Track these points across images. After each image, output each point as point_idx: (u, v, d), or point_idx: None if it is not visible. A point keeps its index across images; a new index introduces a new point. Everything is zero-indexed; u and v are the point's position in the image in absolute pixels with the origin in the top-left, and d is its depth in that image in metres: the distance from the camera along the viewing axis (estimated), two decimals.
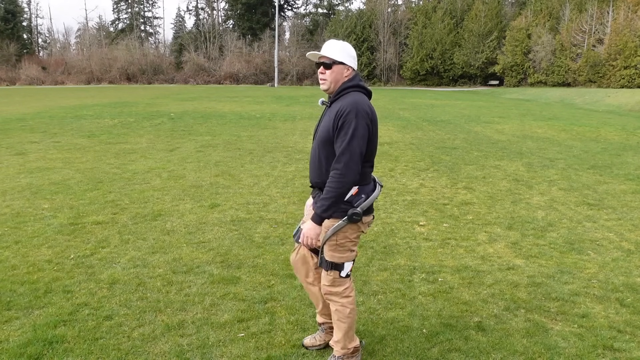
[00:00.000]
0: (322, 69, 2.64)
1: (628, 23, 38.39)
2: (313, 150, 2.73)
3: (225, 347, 3.02)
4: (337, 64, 2.61)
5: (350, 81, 2.66)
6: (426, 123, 16.41)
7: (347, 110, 2.51)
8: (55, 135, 12.30)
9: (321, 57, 2.64)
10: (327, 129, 2.60)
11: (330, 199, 2.52)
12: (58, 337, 3.06)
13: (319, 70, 2.66)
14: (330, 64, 2.61)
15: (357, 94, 2.63)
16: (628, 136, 14.03)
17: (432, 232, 5.29)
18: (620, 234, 5.32)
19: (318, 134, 2.70)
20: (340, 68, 2.62)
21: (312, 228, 2.60)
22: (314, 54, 2.67)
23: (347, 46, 2.65)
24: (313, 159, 2.72)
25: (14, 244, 4.67)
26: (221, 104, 23.80)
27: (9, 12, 66.23)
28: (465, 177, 8.09)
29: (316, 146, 2.69)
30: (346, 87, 2.64)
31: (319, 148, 2.66)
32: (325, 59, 2.62)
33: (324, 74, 2.64)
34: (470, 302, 3.68)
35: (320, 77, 2.67)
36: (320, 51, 2.66)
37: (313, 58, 2.70)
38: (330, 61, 2.61)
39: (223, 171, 8.20)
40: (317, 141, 2.69)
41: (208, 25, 71.83)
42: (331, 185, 2.51)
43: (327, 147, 2.61)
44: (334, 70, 2.62)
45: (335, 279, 2.70)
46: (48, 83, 58.74)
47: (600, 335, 3.24)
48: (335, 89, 2.66)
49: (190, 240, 4.88)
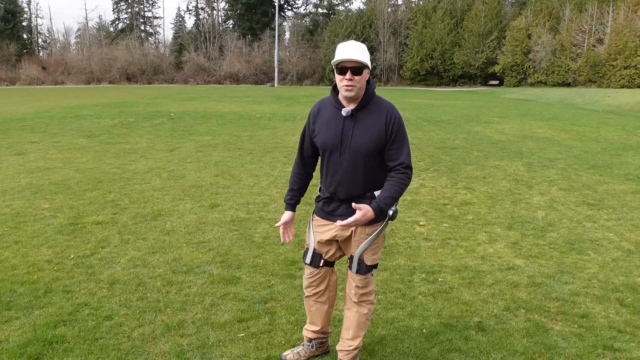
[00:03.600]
0: (349, 74, 2.41)
1: (628, 23, 38.40)
2: (348, 164, 2.53)
3: (225, 347, 3.02)
4: (366, 69, 2.45)
5: (372, 87, 2.56)
6: (426, 123, 16.41)
7: (397, 117, 2.54)
8: (55, 135, 12.31)
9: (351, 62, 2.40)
10: (375, 139, 2.50)
11: (396, 199, 2.54)
12: (58, 337, 3.06)
13: (346, 77, 2.42)
14: (361, 68, 2.42)
15: (381, 97, 2.61)
16: (628, 136, 14.02)
17: (432, 232, 5.29)
18: (620, 234, 5.31)
19: (358, 146, 2.50)
20: (366, 72, 2.47)
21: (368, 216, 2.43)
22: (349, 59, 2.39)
23: (366, 48, 2.52)
24: (350, 173, 2.55)
25: (14, 244, 4.67)
26: (221, 104, 23.80)
27: (9, 12, 66.24)
28: (465, 177, 8.09)
29: (357, 159, 2.52)
30: (372, 93, 2.55)
31: (363, 160, 2.52)
32: (357, 63, 2.40)
33: (352, 79, 2.42)
34: (470, 302, 3.68)
35: (348, 84, 2.43)
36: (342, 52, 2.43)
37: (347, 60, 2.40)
38: (361, 66, 2.42)
39: (223, 171, 8.20)
40: (357, 154, 2.51)
41: (208, 25, 71.81)
42: (400, 186, 2.52)
43: (375, 157, 2.54)
44: (364, 75, 2.45)
45: (369, 280, 2.74)
46: (48, 83, 58.75)
47: (600, 335, 3.24)
48: (360, 94, 2.51)
49: (190, 240, 4.88)
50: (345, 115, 2.52)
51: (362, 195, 2.58)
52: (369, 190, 2.59)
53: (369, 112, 2.53)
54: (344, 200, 2.62)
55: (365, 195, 2.59)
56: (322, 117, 2.62)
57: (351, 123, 2.52)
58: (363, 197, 2.58)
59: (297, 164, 2.81)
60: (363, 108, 2.53)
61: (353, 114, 2.52)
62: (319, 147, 2.65)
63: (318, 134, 2.62)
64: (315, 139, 2.64)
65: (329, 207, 2.69)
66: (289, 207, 2.82)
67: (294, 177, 2.82)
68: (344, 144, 2.53)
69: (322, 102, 2.67)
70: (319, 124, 2.63)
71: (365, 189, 2.58)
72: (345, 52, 2.42)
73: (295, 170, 2.82)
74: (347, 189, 2.58)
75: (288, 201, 2.82)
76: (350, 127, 2.52)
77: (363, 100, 2.52)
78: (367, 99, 2.53)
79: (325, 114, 2.61)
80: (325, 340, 2.99)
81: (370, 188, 2.59)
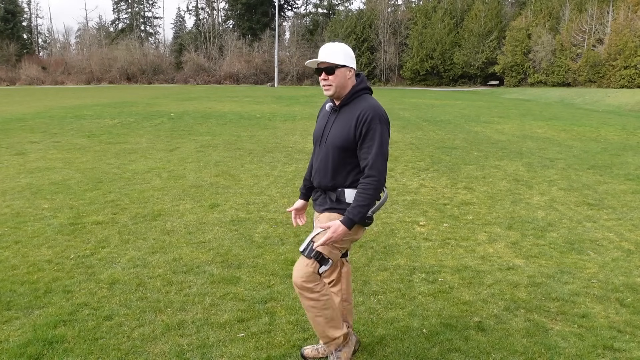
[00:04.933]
0: (324, 75, 2.57)
1: (628, 23, 38.40)
2: (322, 154, 2.69)
3: (225, 347, 3.02)
4: (339, 68, 2.56)
5: (360, 84, 2.63)
6: (426, 123, 16.41)
7: (370, 117, 2.52)
8: (55, 135, 12.30)
9: (321, 63, 2.57)
10: (344, 135, 2.58)
11: (366, 206, 2.53)
12: (58, 337, 3.06)
13: (321, 77, 2.58)
14: (332, 68, 2.55)
15: (369, 97, 2.64)
16: (628, 136, 14.02)
17: (432, 232, 5.29)
18: (620, 234, 5.31)
19: (330, 139, 2.64)
20: (342, 71, 2.57)
21: (341, 231, 2.50)
22: (313, 61, 2.59)
23: (344, 47, 2.60)
24: (322, 163, 2.68)
25: (14, 244, 4.67)
26: (221, 104, 23.80)
27: (9, 12, 66.26)
28: (465, 177, 8.09)
29: (329, 151, 2.65)
30: (357, 91, 2.62)
31: (332, 153, 2.63)
32: (326, 64, 2.56)
33: (327, 79, 2.57)
34: (470, 302, 3.68)
35: (324, 84, 2.60)
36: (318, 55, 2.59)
37: (312, 65, 2.62)
38: (332, 66, 2.55)
39: (223, 171, 8.20)
40: (329, 146, 2.64)
41: (208, 25, 71.83)
42: (368, 193, 2.52)
43: (343, 152, 2.60)
44: (337, 74, 2.56)
45: (311, 274, 2.59)
46: (48, 83, 58.75)
47: (600, 335, 3.24)
48: (342, 93, 2.62)
49: (190, 240, 4.88)
50: (329, 109, 2.74)
51: (330, 188, 2.68)
52: (337, 185, 2.66)
53: (349, 109, 2.61)
54: (320, 189, 2.76)
55: (334, 189, 2.67)
56: (322, 112, 2.84)
57: (333, 117, 2.69)
58: (332, 190, 2.68)
59: (312, 156, 2.92)
60: (346, 104, 2.64)
61: (337, 109, 2.68)
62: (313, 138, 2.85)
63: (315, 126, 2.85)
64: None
65: (314, 195, 2.85)
66: (302, 195, 3.00)
67: (308, 168, 2.95)
68: (323, 136, 2.71)
69: (326, 101, 2.85)
70: (318, 118, 2.87)
71: (333, 182, 2.66)
72: (319, 55, 2.59)
73: (310, 161, 2.93)
74: (321, 180, 2.71)
75: (301, 189, 3.01)
76: (332, 121, 2.69)
77: (346, 97, 2.63)
78: (351, 96, 2.62)
79: (324, 110, 2.83)
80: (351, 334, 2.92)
81: (339, 184, 2.65)
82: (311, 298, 2.62)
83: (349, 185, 2.64)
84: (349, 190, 2.64)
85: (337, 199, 2.67)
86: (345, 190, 2.64)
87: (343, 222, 2.52)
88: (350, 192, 2.64)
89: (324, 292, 2.65)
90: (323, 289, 2.64)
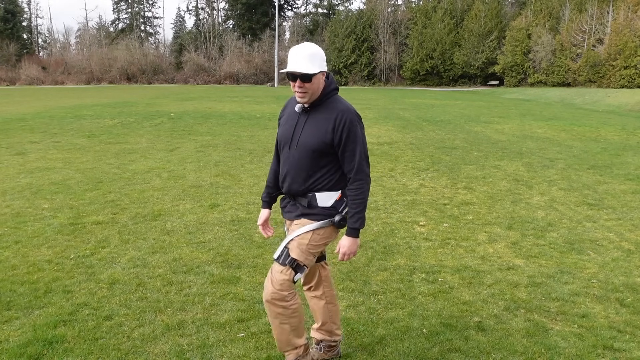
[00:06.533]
0: (299, 82, 2.43)
1: (628, 23, 38.38)
2: (293, 158, 2.56)
3: (225, 347, 3.02)
4: (317, 74, 2.44)
5: (331, 85, 2.55)
6: (426, 123, 16.41)
7: (349, 120, 2.49)
8: (55, 135, 12.30)
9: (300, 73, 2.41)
10: (319, 137, 2.49)
11: (363, 210, 2.53)
12: (58, 337, 3.06)
13: (296, 84, 2.43)
14: (310, 76, 2.42)
15: (340, 98, 2.59)
16: (628, 136, 14.02)
17: (432, 232, 5.29)
18: (620, 234, 5.31)
19: (303, 142, 2.52)
20: (318, 77, 2.46)
21: (353, 244, 2.56)
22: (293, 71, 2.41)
23: (318, 51, 2.46)
24: (294, 167, 2.56)
25: (14, 244, 4.67)
26: (221, 104, 23.79)
27: (9, 12, 66.20)
28: (465, 177, 8.09)
29: (301, 154, 2.53)
30: (329, 92, 2.54)
31: (305, 156, 2.53)
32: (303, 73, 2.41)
33: (302, 87, 2.44)
34: (470, 302, 3.68)
35: (299, 91, 2.45)
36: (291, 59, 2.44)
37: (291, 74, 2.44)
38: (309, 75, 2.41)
39: (223, 171, 8.20)
40: (302, 149, 2.53)
41: (208, 25, 71.79)
42: (360, 197, 2.52)
43: (317, 155, 2.51)
44: (314, 81, 2.44)
45: (286, 282, 2.54)
46: (48, 83, 58.72)
47: (600, 335, 3.24)
48: (315, 96, 2.51)
49: (190, 240, 4.88)
50: (299, 110, 2.58)
51: (301, 193, 2.59)
52: (309, 190, 2.57)
53: (322, 110, 2.53)
54: (290, 195, 2.67)
55: (305, 194, 2.58)
56: (286, 113, 2.71)
57: (304, 119, 2.57)
58: (302, 195, 2.59)
59: (273, 161, 2.83)
60: (318, 105, 2.54)
61: (307, 110, 2.57)
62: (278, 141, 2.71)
63: (279, 128, 2.71)
64: (277, 134, 2.73)
65: (282, 203, 2.77)
66: (265, 204, 2.86)
67: (270, 174, 2.84)
68: (293, 139, 2.57)
69: (290, 100, 2.73)
70: (282, 120, 2.72)
71: (305, 187, 2.56)
72: (293, 60, 2.43)
73: (272, 166, 2.83)
74: (292, 185, 2.60)
75: (264, 199, 2.86)
76: (302, 123, 2.57)
77: (318, 98, 2.53)
78: (323, 97, 2.54)
79: (289, 110, 2.69)
80: (335, 345, 2.91)
81: (312, 188, 2.56)
82: (282, 306, 2.57)
83: (321, 189, 2.56)
84: (321, 194, 2.56)
85: (309, 204, 2.58)
86: (317, 194, 2.56)
87: (350, 235, 2.55)
88: (322, 195, 2.56)
89: (294, 300, 2.60)
90: (294, 298, 2.61)
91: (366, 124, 15.60)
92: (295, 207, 2.64)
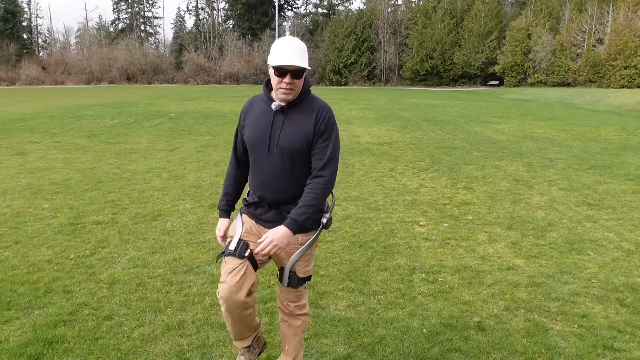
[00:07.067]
0: (289, 78, 2.26)
1: (628, 23, 38.40)
2: (274, 163, 2.37)
3: (225, 347, 3.02)
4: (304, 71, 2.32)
5: (307, 82, 2.40)
6: (426, 123, 16.41)
7: (329, 116, 2.35)
8: (55, 135, 12.30)
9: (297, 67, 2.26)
10: (303, 136, 2.33)
11: (315, 207, 2.31)
12: (58, 337, 3.06)
13: (286, 80, 2.26)
14: (302, 72, 2.29)
15: (315, 96, 2.44)
16: (628, 136, 14.02)
17: (432, 232, 5.29)
18: (620, 234, 5.31)
19: (285, 143, 2.34)
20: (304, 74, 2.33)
21: (287, 236, 2.25)
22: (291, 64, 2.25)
23: (305, 45, 2.34)
24: (277, 173, 2.37)
25: (14, 244, 4.67)
26: (221, 104, 23.80)
27: (9, 12, 66.26)
28: (465, 177, 8.09)
29: (284, 158, 2.35)
30: (306, 90, 2.40)
31: (289, 159, 2.35)
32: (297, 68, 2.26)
33: (292, 83, 2.27)
34: (470, 302, 3.68)
35: (288, 87, 2.28)
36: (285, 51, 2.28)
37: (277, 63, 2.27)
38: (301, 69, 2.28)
39: (223, 171, 8.19)
40: (284, 152, 2.34)
41: (208, 25, 71.82)
42: (317, 193, 2.30)
43: (303, 158, 2.36)
44: (302, 78, 2.32)
45: (302, 293, 2.54)
46: (48, 83, 58.76)
47: (600, 335, 3.24)
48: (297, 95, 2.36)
49: (190, 240, 4.88)
50: (275, 109, 2.36)
51: (290, 201, 2.39)
52: (298, 196, 2.36)
53: (300, 110, 2.36)
54: (271, 204, 2.44)
55: (294, 202, 2.37)
56: (253, 113, 2.47)
57: (281, 119, 2.36)
58: (292, 203, 2.38)
59: (232, 166, 2.63)
60: (296, 105, 2.36)
61: (284, 110, 2.37)
62: (246, 143, 2.46)
63: (247, 130, 2.46)
64: (245, 136, 2.48)
65: (256, 210, 2.52)
66: (224, 213, 2.62)
67: (228, 180, 2.63)
68: (271, 141, 2.35)
69: (253, 99, 2.53)
70: (248, 120, 2.47)
71: (294, 193, 2.38)
72: (285, 54, 2.25)
73: (230, 171, 2.64)
74: (274, 192, 2.40)
75: (222, 207, 2.62)
76: (279, 123, 2.36)
77: (298, 97, 2.36)
78: (301, 96, 2.37)
79: (256, 110, 2.46)
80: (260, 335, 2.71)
81: (299, 193, 2.36)
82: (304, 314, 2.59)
83: None
84: None
85: None
86: None
87: (288, 227, 2.26)
88: None
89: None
90: None
91: (366, 124, 15.67)
92: (281, 215, 2.40)
